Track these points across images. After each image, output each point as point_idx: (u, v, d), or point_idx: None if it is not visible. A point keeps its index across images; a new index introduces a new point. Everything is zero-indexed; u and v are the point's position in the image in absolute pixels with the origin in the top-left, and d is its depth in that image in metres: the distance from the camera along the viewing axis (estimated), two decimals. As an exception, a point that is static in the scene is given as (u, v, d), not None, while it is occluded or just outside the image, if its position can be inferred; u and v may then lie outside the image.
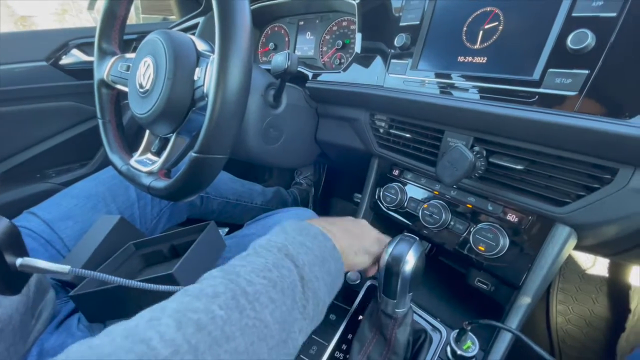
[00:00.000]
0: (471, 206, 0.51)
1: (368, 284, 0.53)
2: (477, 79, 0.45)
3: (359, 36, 0.64)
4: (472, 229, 0.50)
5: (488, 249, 0.47)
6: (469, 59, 0.46)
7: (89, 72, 0.90)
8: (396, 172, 0.63)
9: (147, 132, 0.58)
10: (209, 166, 0.42)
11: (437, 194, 0.56)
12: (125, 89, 0.55)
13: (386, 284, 0.39)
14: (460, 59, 0.47)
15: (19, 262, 0.32)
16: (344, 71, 0.65)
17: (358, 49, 0.64)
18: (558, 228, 0.44)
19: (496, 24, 0.44)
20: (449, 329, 0.47)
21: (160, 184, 0.47)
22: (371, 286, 0.53)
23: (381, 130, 0.62)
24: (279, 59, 0.57)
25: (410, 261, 0.37)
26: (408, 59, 0.53)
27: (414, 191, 0.60)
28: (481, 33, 0.45)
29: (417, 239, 0.40)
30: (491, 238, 0.47)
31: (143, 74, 0.48)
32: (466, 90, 0.46)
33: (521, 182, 0.45)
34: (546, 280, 0.45)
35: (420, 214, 0.56)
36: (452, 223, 0.53)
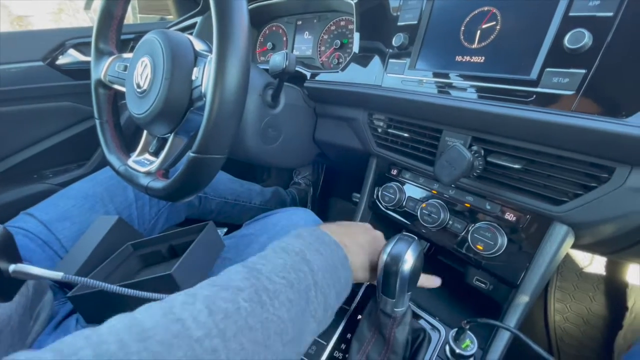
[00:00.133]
0: (469, 205, 0.51)
1: (367, 283, 0.53)
2: (474, 78, 0.45)
3: (357, 36, 0.64)
4: (470, 228, 0.50)
5: (486, 248, 0.47)
6: (467, 58, 0.46)
7: (86, 72, 0.90)
8: (394, 172, 0.63)
9: (144, 132, 0.58)
10: (207, 166, 0.42)
11: (436, 193, 0.56)
12: (123, 89, 0.55)
13: (385, 283, 0.39)
14: (458, 58, 0.47)
15: (12, 268, 0.31)
16: (342, 71, 0.65)
17: (356, 48, 0.64)
18: (556, 227, 0.44)
19: (494, 23, 0.44)
20: (447, 328, 0.48)
21: (158, 185, 0.47)
22: (370, 286, 0.53)
23: (379, 130, 0.62)
24: (276, 59, 0.57)
25: (408, 260, 0.37)
26: (406, 59, 0.54)
27: (412, 190, 0.60)
28: (479, 33, 0.45)
29: (416, 238, 0.40)
30: (489, 237, 0.47)
31: (140, 74, 0.48)
32: (464, 89, 0.46)
33: (519, 181, 0.45)
34: (544, 279, 0.45)
35: (418, 213, 0.56)
36: (450, 222, 0.53)
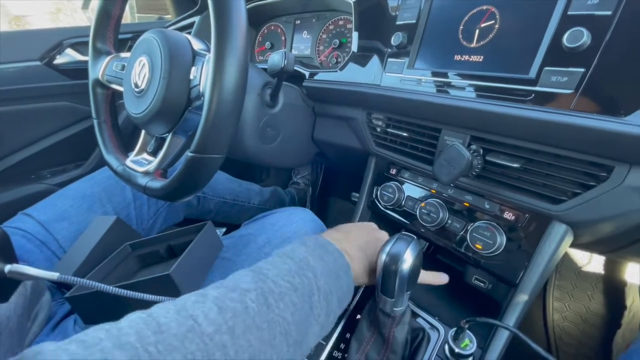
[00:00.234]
0: (468, 204, 0.51)
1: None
2: (473, 77, 0.45)
3: (355, 35, 0.64)
4: (469, 227, 0.50)
5: (485, 247, 0.47)
6: (466, 57, 0.46)
7: (83, 71, 0.90)
8: (393, 171, 0.63)
9: (142, 132, 0.57)
10: (205, 166, 0.42)
11: (435, 192, 0.56)
12: (121, 89, 0.55)
13: (384, 282, 0.39)
14: (456, 57, 0.47)
15: (8, 268, 0.31)
16: (341, 70, 0.65)
17: (355, 47, 0.64)
18: (554, 226, 0.44)
19: (492, 22, 0.44)
20: (447, 327, 0.48)
21: (157, 184, 0.47)
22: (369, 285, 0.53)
23: (378, 129, 0.62)
24: (275, 58, 0.57)
25: (407, 260, 0.37)
26: (405, 58, 0.53)
27: (411, 190, 0.60)
28: (477, 32, 0.45)
29: (415, 237, 0.40)
30: (488, 236, 0.47)
31: (138, 73, 0.48)
32: (463, 88, 0.46)
33: (518, 180, 0.45)
34: (543, 278, 0.45)
35: (417, 212, 0.56)
36: (449, 221, 0.53)
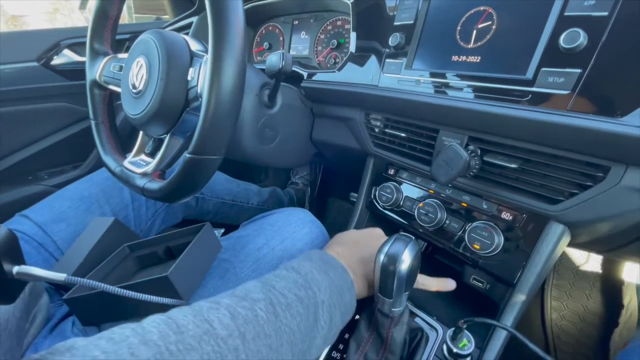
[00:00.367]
0: (466, 205, 0.51)
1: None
2: (471, 78, 0.45)
3: (353, 35, 0.64)
4: (467, 227, 0.50)
5: (483, 247, 0.48)
6: (463, 58, 0.46)
7: (81, 72, 0.89)
8: (392, 172, 0.63)
9: (140, 133, 0.57)
10: (203, 167, 0.42)
11: (433, 192, 0.56)
12: (118, 90, 0.54)
13: (382, 283, 0.39)
14: (454, 58, 0.47)
15: (16, 270, 0.31)
16: (339, 71, 0.65)
17: (353, 48, 0.64)
18: (552, 226, 0.44)
19: (489, 23, 0.44)
20: (445, 327, 0.48)
21: (155, 186, 0.47)
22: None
23: (376, 130, 0.62)
24: (273, 59, 0.56)
25: (406, 260, 0.37)
26: (402, 59, 0.54)
27: (409, 190, 0.60)
28: (475, 32, 0.45)
29: (413, 238, 0.40)
30: (486, 236, 0.47)
31: (136, 74, 0.48)
32: (460, 89, 0.46)
33: (515, 181, 0.45)
34: (540, 278, 0.45)
35: (415, 212, 0.56)
36: (447, 222, 0.53)
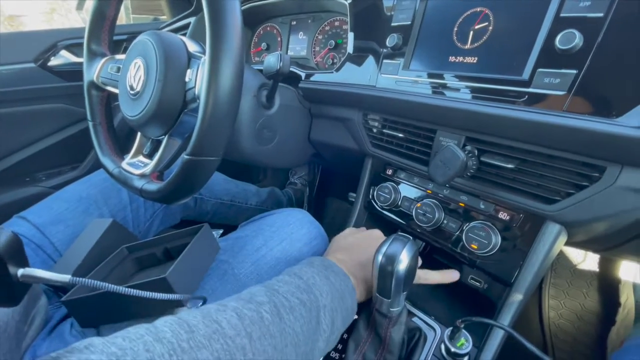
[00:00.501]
0: (463, 205, 0.52)
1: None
2: (468, 78, 0.46)
3: (351, 36, 0.64)
4: (464, 227, 0.50)
5: (480, 247, 0.48)
6: (460, 59, 0.47)
7: (78, 73, 0.89)
8: (390, 172, 0.63)
9: (138, 134, 0.57)
10: (202, 168, 0.42)
11: (430, 193, 0.57)
12: (116, 91, 0.54)
13: (380, 283, 0.39)
14: (451, 59, 0.48)
15: (21, 272, 0.31)
16: (337, 71, 0.65)
17: (350, 49, 0.64)
18: (548, 225, 0.44)
19: (486, 24, 0.44)
20: (443, 326, 0.48)
21: (153, 187, 0.47)
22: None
23: (374, 130, 0.62)
24: (271, 60, 0.57)
25: (404, 260, 0.37)
26: (400, 59, 0.54)
27: (407, 190, 0.60)
28: (472, 33, 0.46)
29: (411, 238, 0.40)
30: (483, 236, 0.48)
31: (133, 75, 0.48)
32: (457, 90, 0.47)
33: (512, 181, 0.45)
34: (538, 277, 0.46)
35: (413, 213, 0.57)
36: (445, 222, 0.53)
